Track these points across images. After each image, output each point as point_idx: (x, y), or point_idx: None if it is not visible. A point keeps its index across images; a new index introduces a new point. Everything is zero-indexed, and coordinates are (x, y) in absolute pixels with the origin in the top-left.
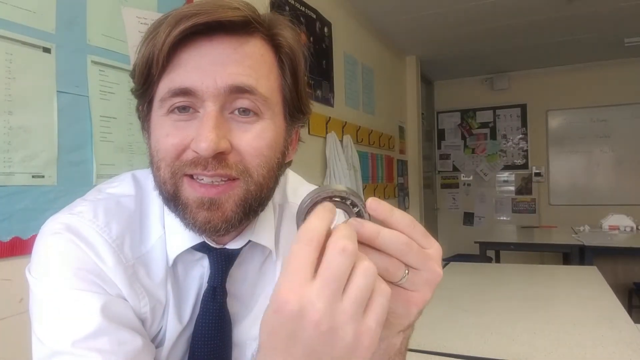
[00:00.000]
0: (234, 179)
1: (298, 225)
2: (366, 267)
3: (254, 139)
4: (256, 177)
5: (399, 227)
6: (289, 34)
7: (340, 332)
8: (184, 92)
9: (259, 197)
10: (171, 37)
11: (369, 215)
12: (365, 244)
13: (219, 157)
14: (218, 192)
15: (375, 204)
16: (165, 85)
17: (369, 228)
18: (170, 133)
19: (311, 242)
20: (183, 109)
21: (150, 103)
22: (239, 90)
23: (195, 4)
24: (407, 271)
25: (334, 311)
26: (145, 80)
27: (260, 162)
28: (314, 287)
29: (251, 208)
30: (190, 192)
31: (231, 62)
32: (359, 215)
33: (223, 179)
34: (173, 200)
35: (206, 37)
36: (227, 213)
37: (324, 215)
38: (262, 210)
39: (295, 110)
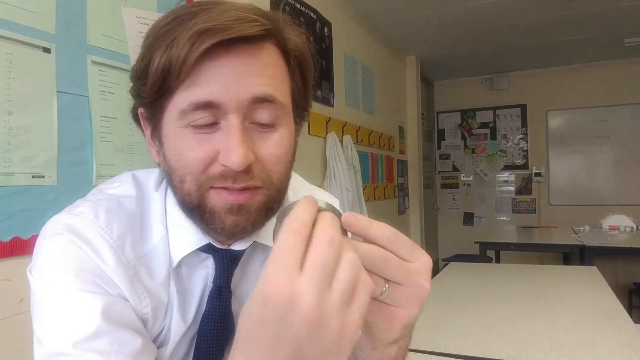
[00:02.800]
0: (258, 187)
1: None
2: (351, 258)
3: (275, 147)
4: (277, 183)
5: (378, 241)
6: (298, 38)
7: (328, 323)
8: (207, 105)
9: (279, 200)
10: (196, 53)
11: (345, 231)
12: None
13: (246, 168)
14: (246, 198)
15: (350, 219)
16: (186, 97)
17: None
18: (195, 147)
19: (299, 232)
20: (204, 124)
21: (161, 111)
22: (261, 100)
23: (213, 14)
24: (387, 286)
25: (322, 302)
26: (159, 90)
27: (280, 169)
28: (303, 279)
29: (272, 211)
30: (218, 200)
31: (252, 72)
32: None
33: (248, 188)
34: (198, 209)
35: (225, 49)
36: (253, 216)
37: (308, 204)
38: (277, 211)
39: (301, 112)
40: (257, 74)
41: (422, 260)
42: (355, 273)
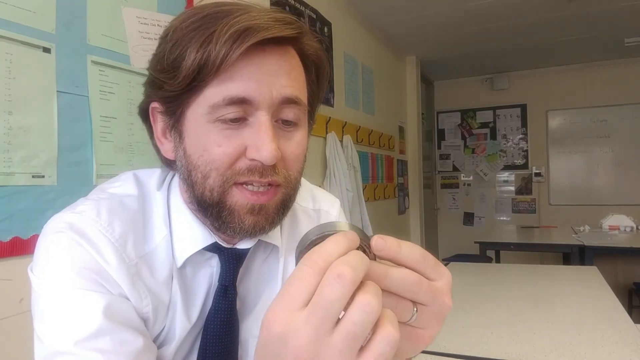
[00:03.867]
0: (278, 185)
1: (297, 262)
2: (367, 301)
3: (296, 146)
4: (294, 182)
5: (409, 263)
6: (316, 44)
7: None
8: (242, 101)
9: (293, 198)
10: (239, 50)
11: (374, 255)
12: None
13: (273, 164)
14: (268, 198)
15: (381, 243)
16: (219, 92)
17: (376, 270)
18: (222, 143)
19: (314, 265)
20: (234, 119)
21: (187, 105)
22: (289, 101)
23: (254, 13)
24: (416, 309)
25: (319, 343)
26: (189, 84)
27: (298, 168)
28: (302, 314)
29: (287, 208)
30: (240, 198)
31: (282, 73)
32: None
33: (270, 185)
34: (217, 206)
35: (260, 48)
36: (271, 215)
37: (341, 240)
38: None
39: (312, 114)
40: (286, 75)
41: (445, 277)
42: (369, 317)
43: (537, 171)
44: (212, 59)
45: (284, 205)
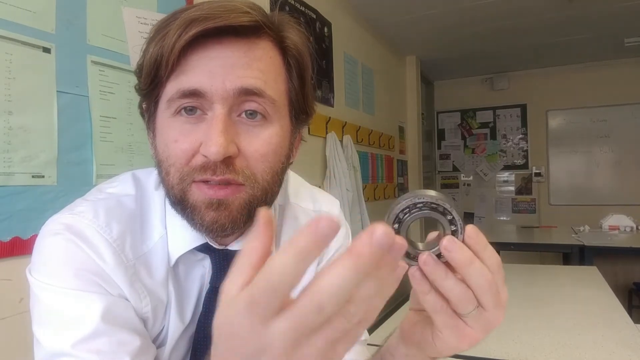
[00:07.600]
0: (240, 184)
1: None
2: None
3: (262, 144)
4: (261, 182)
5: (486, 264)
6: (297, 37)
7: (236, 327)
8: (193, 93)
9: (264, 200)
10: (182, 40)
11: (463, 238)
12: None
13: (227, 160)
14: (226, 194)
15: (474, 234)
16: (174, 86)
17: (465, 254)
18: (179, 139)
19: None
20: (190, 110)
21: (156, 103)
22: (248, 93)
23: (206, 6)
24: (476, 307)
25: (230, 305)
26: (152, 81)
27: (265, 168)
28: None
29: (255, 211)
30: (199, 194)
31: (241, 65)
32: (454, 233)
33: (230, 183)
34: (181, 203)
35: (216, 40)
36: (233, 213)
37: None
38: None
39: (300, 112)
40: (246, 67)
41: (506, 296)
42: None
43: (537, 171)
44: (164, 53)
45: (250, 206)
